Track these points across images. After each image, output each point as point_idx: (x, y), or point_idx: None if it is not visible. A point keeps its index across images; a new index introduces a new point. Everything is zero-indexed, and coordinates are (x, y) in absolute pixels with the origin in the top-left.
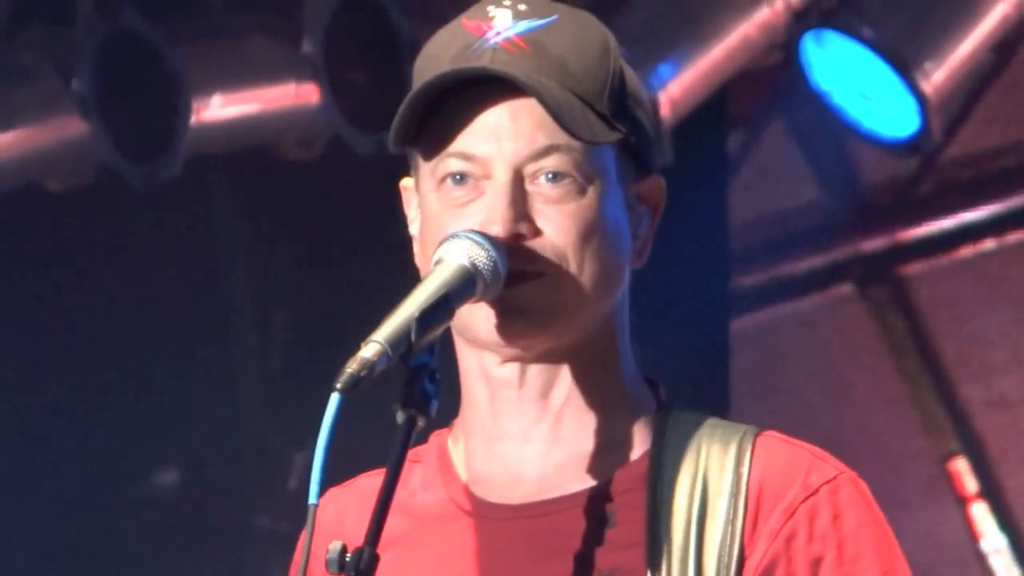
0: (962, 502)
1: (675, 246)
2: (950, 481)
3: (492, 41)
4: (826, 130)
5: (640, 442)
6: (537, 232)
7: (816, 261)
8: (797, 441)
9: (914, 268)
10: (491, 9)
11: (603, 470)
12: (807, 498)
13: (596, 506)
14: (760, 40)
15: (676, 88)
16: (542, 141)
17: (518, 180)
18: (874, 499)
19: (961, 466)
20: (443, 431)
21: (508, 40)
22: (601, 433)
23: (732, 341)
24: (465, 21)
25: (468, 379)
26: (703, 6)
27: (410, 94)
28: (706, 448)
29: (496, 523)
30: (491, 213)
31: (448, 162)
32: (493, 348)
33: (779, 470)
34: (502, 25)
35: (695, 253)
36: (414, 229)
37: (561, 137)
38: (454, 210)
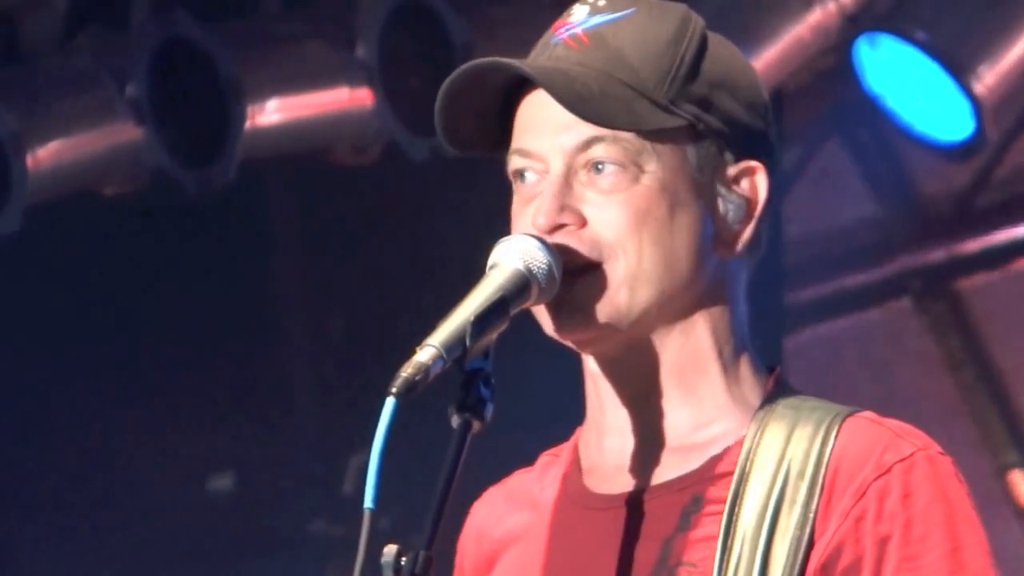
0: (1021, 514)
1: None
2: (1009, 493)
3: (559, 37)
4: (882, 143)
5: (737, 430)
6: (584, 222)
7: (874, 275)
8: (887, 420)
9: (971, 282)
10: (575, 7)
11: (697, 459)
12: (879, 476)
13: (682, 497)
14: (813, 43)
15: None
16: (586, 132)
17: (568, 172)
18: (957, 475)
19: (1020, 478)
20: (581, 427)
21: (572, 35)
22: (698, 421)
23: (789, 355)
24: (556, 20)
25: (584, 371)
26: (756, 9)
27: (441, 91)
28: (799, 431)
29: (595, 512)
30: (539, 206)
31: (512, 160)
32: (567, 344)
33: (857, 450)
34: (576, 20)
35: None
36: None
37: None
38: (523, 206)
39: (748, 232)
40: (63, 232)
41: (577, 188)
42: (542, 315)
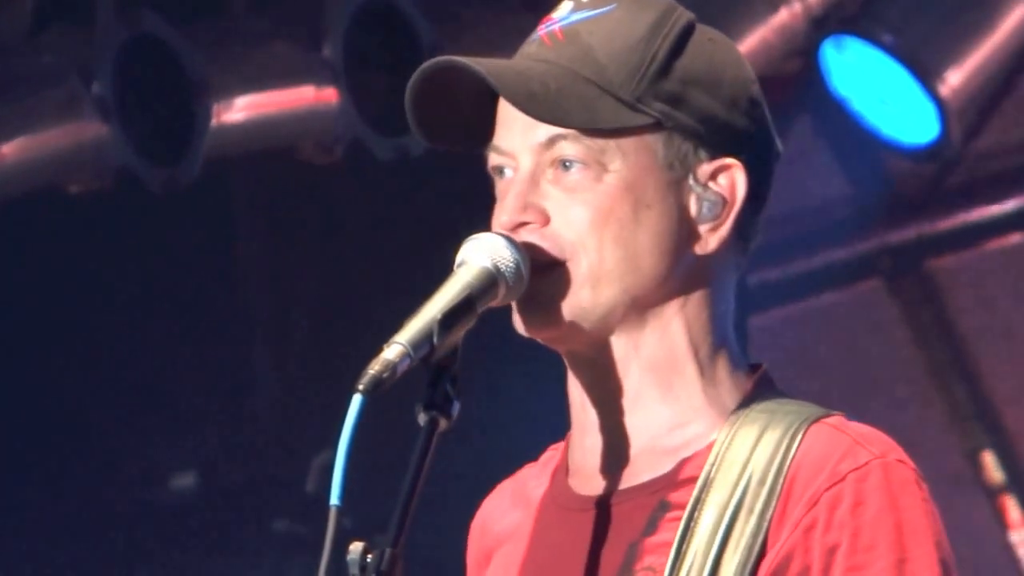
0: (991, 494)
1: None
2: (979, 473)
3: (538, 35)
4: (852, 122)
5: (709, 434)
6: (547, 219)
7: (844, 255)
8: (851, 425)
9: (943, 262)
10: (562, 3)
11: (669, 462)
12: (832, 486)
13: (651, 500)
14: (779, 45)
15: None
16: (549, 130)
17: (536, 169)
18: (916, 482)
19: (990, 458)
20: None
21: (548, 32)
22: (672, 422)
23: (758, 335)
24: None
25: (568, 376)
26: (721, 11)
27: (409, 87)
28: (767, 437)
29: (571, 514)
30: (503, 204)
31: (490, 157)
32: (540, 342)
33: (814, 458)
34: (558, 16)
35: None
36: None
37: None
38: (500, 203)
39: (725, 230)
40: (26, 228)
41: (543, 186)
42: (513, 314)
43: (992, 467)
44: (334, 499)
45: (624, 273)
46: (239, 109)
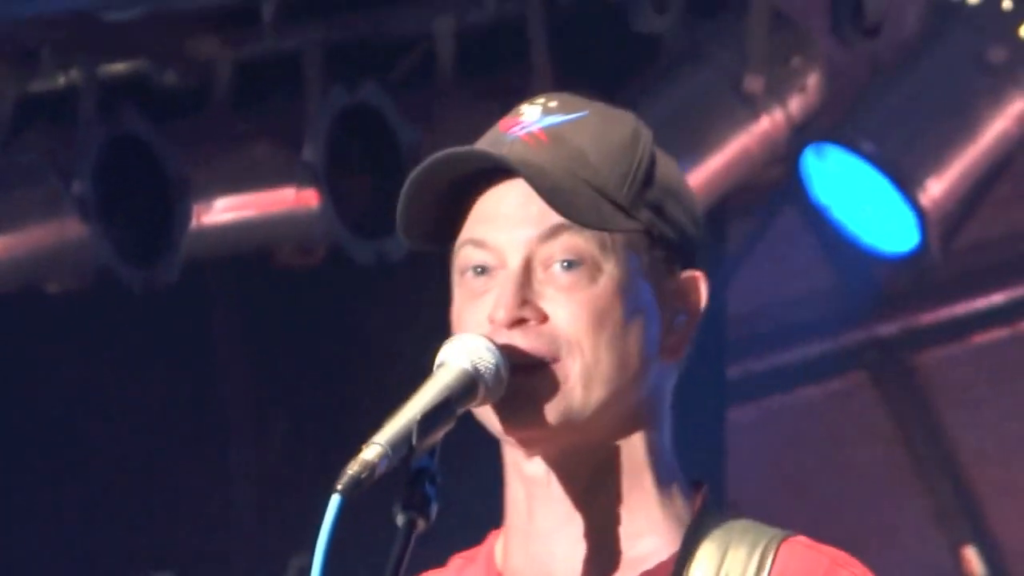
0: None
1: None
2: (961, 569)
3: (514, 135)
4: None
5: (670, 544)
6: (544, 318)
7: (828, 347)
8: (824, 546)
9: (927, 356)
10: (524, 107)
11: (629, 570)
12: None
13: None
14: (760, 153)
15: None
16: (552, 220)
17: (527, 267)
18: None
19: (972, 554)
20: (496, 531)
21: (529, 133)
22: (629, 534)
23: (742, 428)
24: (501, 121)
25: (508, 477)
26: (703, 118)
27: (409, 179)
28: (732, 553)
29: None
30: (498, 299)
31: (465, 251)
32: (511, 443)
33: (796, 575)
34: (529, 120)
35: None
36: None
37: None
38: (472, 301)
39: (686, 341)
40: (3, 328)
41: (536, 283)
42: (488, 416)
43: (975, 561)
44: None
45: (614, 376)
46: (219, 210)
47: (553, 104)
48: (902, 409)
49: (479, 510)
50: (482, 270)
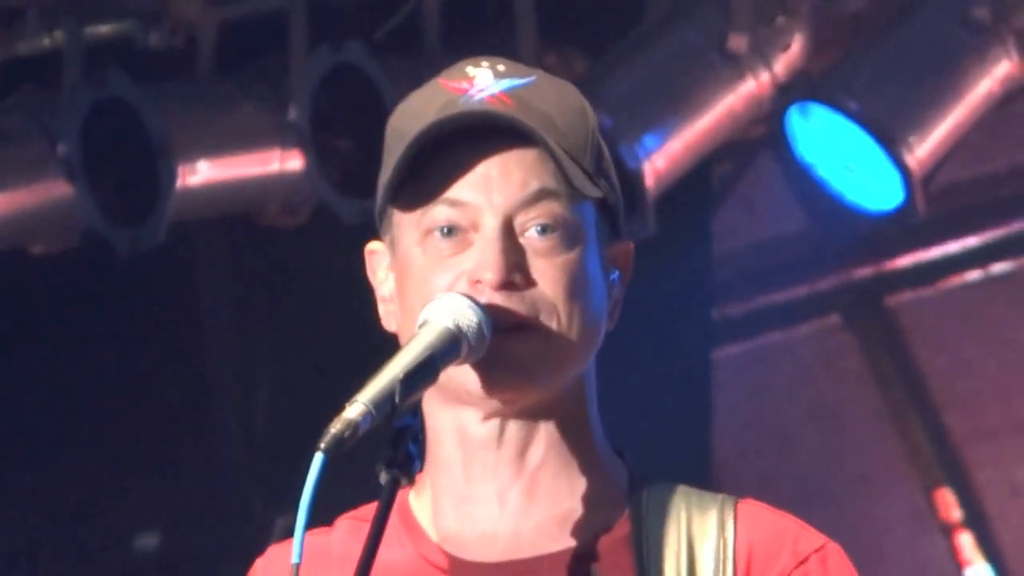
0: (947, 531)
1: (658, 275)
2: (935, 510)
3: (477, 97)
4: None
5: (617, 506)
6: (530, 283)
7: (802, 291)
8: (776, 509)
9: (900, 299)
10: (470, 70)
11: (581, 531)
12: (798, 565)
13: (580, 566)
14: (745, 112)
15: (660, 160)
16: (534, 185)
17: (509, 229)
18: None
19: (946, 496)
20: (402, 490)
21: (493, 96)
22: (577, 495)
23: (718, 371)
24: (444, 82)
25: (440, 440)
26: (688, 78)
27: (409, 142)
28: (686, 514)
29: None
30: (483, 260)
31: (436, 210)
32: (477, 403)
33: (767, 536)
34: (484, 83)
35: (677, 283)
36: (384, 291)
37: (552, 183)
38: (440, 262)
39: (619, 308)
40: None
41: (519, 248)
42: (467, 374)
43: (949, 504)
44: (295, 557)
45: (581, 342)
46: (204, 171)
47: (501, 68)
48: (876, 352)
49: None
50: (450, 231)
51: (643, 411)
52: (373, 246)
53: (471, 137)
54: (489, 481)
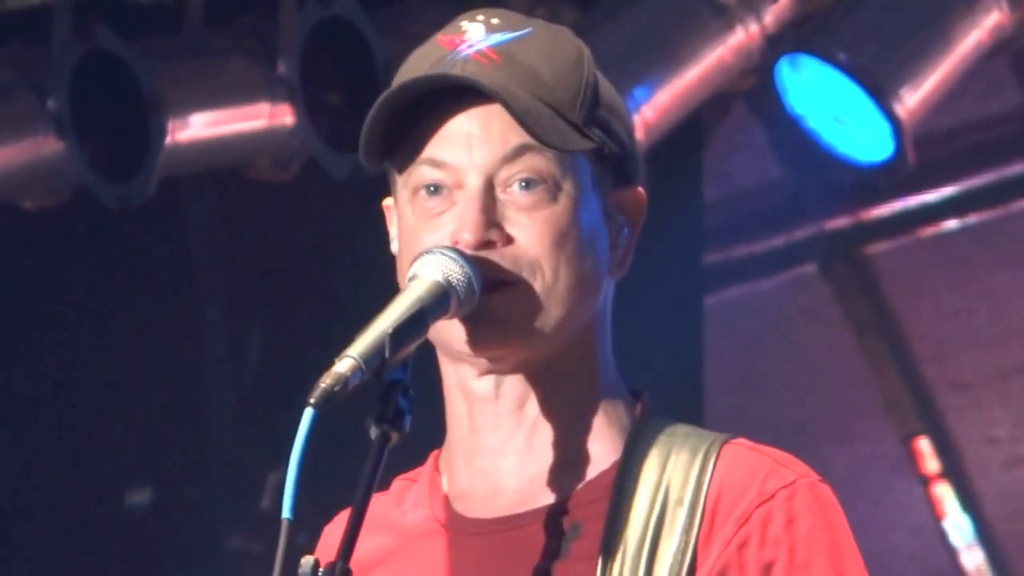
0: (925, 481)
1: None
2: (913, 460)
3: (464, 53)
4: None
5: (611, 454)
6: (509, 240)
7: (778, 241)
8: (764, 447)
9: (877, 248)
10: (464, 24)
11: (572, 483)
12: (761, 504)
13: (562, 519)
14: (734, 64)
15: (650, 111)
16: (515, 141)
17: (489, 187)
18: (837, 502)
19: (924, 445)
20: (437, 451)
21: (479, 52)
22: (574, 445)
23: (706, 318)
24: (440, 37)
25: (449, 395)
26: (677, 31)
27: (377, 103)
28: (674, 457)
29: (469, 538)
30: (462, 220)
31: (420, 170)
32: (468, 360)
33: (737, 477)
34: (474, 38)
35: (666, 231)
36: (395, 247)
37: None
38: (428, 221)
39: (629, 255)
40: None
41: (499, 205)
42: (453, 329)
43: (927, 454)
44: (286, 512)
45: (571, 294)
46: (194, 126)
47: (495, 21)
48: (853, 301)
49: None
50: (435, 189)
51: (636, 358)
52: (388, 202)
53: (456, 95)
54: (490, 434)
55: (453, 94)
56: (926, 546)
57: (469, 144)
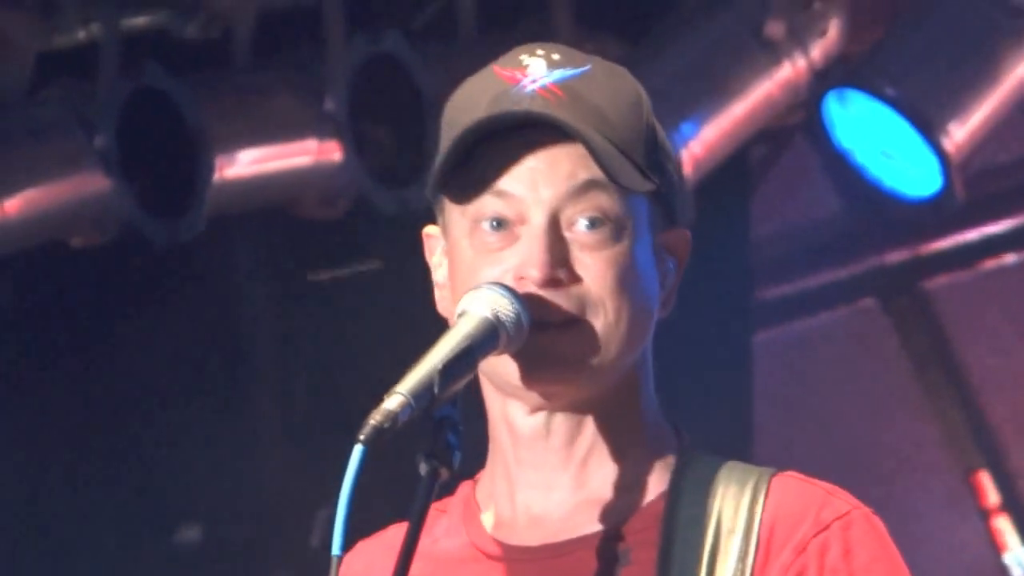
0: (985, 515)
1: (695, 260)
2: (973, 494)
3: (529, 89)
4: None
5: (658, 484)
6: (575, 278)
7: (839, 274)
8: (814, 480)
9: (937, 282)
10: (524, 58)
11: (620, 512)
12: (818, 533)
13: (610, 546)
14: (782, 99)
15: (698, 146)
16: (582, 177)
17: (555, 224)
18: (888, 534)
19: (984, 479)
20: (469, 482)
21: (544, 88)
22: (621, 477)
23: (756, 355)
24: (498, 69)
25: (495, 424)
26: (725, 65)
27: (456, 137)
28: (722, 489)
29: (513, 564)
30: (528, 256)
31: (484, 201)
32: (520, 396)
33: (791, 507)
34: (537, 73)
35: (715, 268)
36: (439, 276)
37: (600, 175)
38: (488, 255)
39: (673, 296)
40: (29, 282)
41: (564, 243)
42: (508, 365)
43: (987, 487)
44: (335, 549)
45: (630, 334)
46: (242, 163)
47: (556, 57)
48: (912, 336)
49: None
50: (498, 223)
51: (684, 395)
52: (429, 230)
53: (518, 129)
54: (537, 469)
55: (516, 128)
56: None
57: (535, 179)
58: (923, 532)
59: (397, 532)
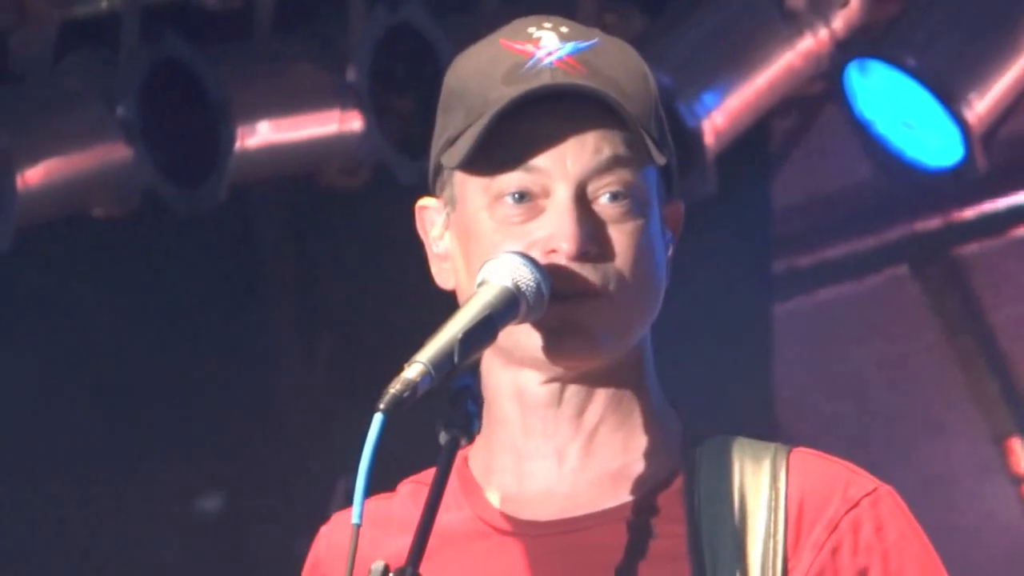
0: (1017, 481)
1: (718, 231)
2: (1005, 460)
3: (547, 61)
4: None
5: (672, 459)
6: (603, 252)
7: (871, 242)
8: (830, 456)
9: (969, 248)
10: (534, 31)
11: (637, 486)
12: (849, 510)
13: (635, 520)
14: (804, 69)
15: (720, 117)
16: (608, 152)
17: (582, 197)
18: (910, 511)
19: (1016, 445)
20: (460, 454)
21: (562, 60)
22: (633, 451)
23: (787, 323)
24: (506, 42)
25: (498, 398)
26: (747, 36)
27: (491, 115)
28: (739, 465)
29: (530, 540)
30: (559, 230)
31: (508, 176)
32: (539, 367)
33: (817, 484)
34: (551, 46)
35: (739, 237)
36: (438, 248)
37: (624, 150)
38: (510, 227)
39: (670, 268)
40: (51, 252)
41: (594, 216)
42: (530, 338)
43: (1019, 454)
44: (355, 518)
45: (650, 306)
46: (263, 132)
47: (564, 29)
48: (944, 303)
49: None
50: (521, 196)
51: (707, 365)
52: (425, 202)
53: (539, 101)
54: (548, 439)
55: (537, 100)
56: (1017, 545)
57: (561, 152)
58: (955, 499)
59: (378, 504)
